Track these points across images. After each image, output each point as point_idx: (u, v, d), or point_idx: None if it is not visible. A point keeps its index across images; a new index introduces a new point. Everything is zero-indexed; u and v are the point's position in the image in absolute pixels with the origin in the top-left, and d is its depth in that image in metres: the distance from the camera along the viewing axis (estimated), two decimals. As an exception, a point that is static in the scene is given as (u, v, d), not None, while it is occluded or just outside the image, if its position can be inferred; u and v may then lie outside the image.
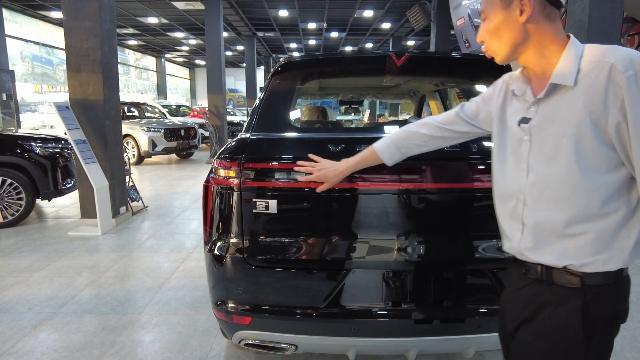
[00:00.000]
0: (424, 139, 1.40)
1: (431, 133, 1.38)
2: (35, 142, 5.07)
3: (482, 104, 1.27)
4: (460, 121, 1.33)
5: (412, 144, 1.43)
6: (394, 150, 1.45)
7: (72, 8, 4.65)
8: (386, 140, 1.47)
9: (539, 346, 1.03)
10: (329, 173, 1.56)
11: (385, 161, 1.48)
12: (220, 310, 1.79)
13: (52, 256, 3.96)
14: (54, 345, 2.50)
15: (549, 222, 1.01)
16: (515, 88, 1.11)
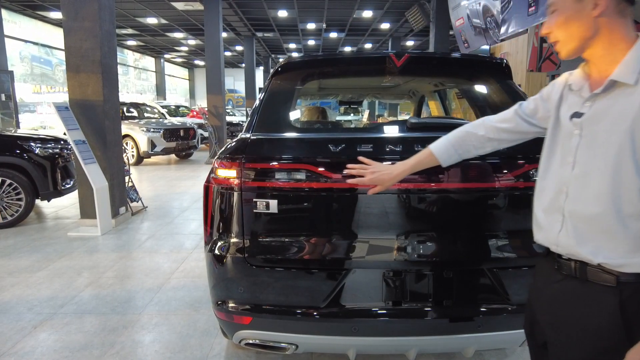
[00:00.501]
0: (480, 140, 1.36)
1: (487, 134, 1.35)
2: (34, 143, 5.07)
3: (540, 102, 1.24)
4: (518, 120, 1.30)
5: (469, 145, 1.39)
6: (452, 151, 1.41)
7: (71, 9, 4.65)
8: (443, 141, 1.42)
9: (581, 347, 1.02)
10: (383, 176, 1.50)
11: (441, 163, 1.43)
12: (221, 310, 1.80)
13: (51, 257, 3.96)
14: (54, 345, 2.50)
15: (589, 217, 1.01)
16: (572, 82, 1.11)
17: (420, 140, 1.74)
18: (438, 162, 1.44)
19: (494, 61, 2.17)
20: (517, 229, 1.78)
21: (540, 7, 6.45)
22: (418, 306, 1.71)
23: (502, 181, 1.71)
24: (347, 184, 1.68)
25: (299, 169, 1.69)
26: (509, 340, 1.84)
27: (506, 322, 1.74)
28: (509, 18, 7.40)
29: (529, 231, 1.77)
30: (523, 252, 1.77)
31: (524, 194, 1.74)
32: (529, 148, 1.78)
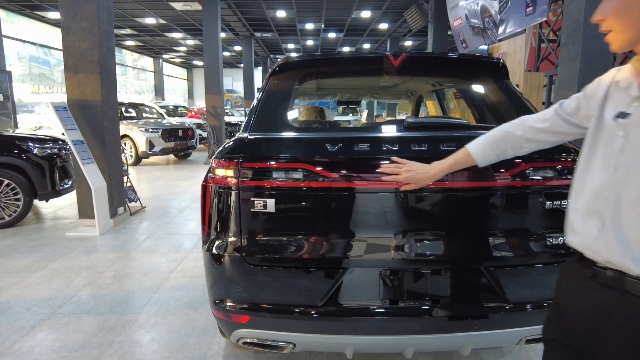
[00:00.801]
0: (518, 141, 1.31)
1: (525, 135, 1.29)
2: (32, 143, 5.07)
3: (583, 100, 1.16)
4: (558, 119, 1.22)
5: (507, 146, 1.34)
6: (489, 151, 1.37)
7: (70, 9, 4.65)
8: (481, 141, 1.39)
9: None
10: (419, 175, 1.49)
11: (478, 163, 1.40)
12: (219, 309, 1.80)
13: (50, 257, 3.96)
14: (52, 345, 2.50)
15: (631, 225, 0.95)
16: (620, 79, 1.04)
17: (417, 140, 1.75)
18: (475, 162, 1.40)
19: (491, 61, 2.18)
20: (514, 227, 1.79)
21: (537, 8, 6.47)
22: (415, 305, 1.72)
23: (499, 180, 1.71)
24: (345, 183, 1.69)
25: (296, 168, 1.70)
26: (506, 338, 1.85)
27: (503, 320, 1.75)
28: (507, 18, 7.42)
29: (526, 230, 1.80)
30: (520, 251, 1.77)
31: (521, 192, 1.75)
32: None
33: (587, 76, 4.74)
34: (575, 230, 1.08)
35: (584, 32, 4.69)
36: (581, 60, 4.72)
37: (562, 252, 1.78)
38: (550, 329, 1.17)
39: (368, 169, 1.70)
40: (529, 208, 1.78)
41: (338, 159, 1.72)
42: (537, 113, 1.30)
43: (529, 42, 9.54)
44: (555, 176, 1.75)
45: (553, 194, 1.77)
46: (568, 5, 4.96)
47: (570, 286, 1.11)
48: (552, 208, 1.78)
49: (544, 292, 1.78)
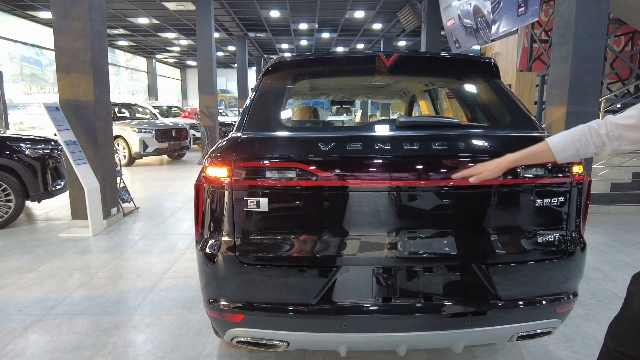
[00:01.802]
0: (602, 139, 1.28)
1: (610, 132, 1.26)
2: (24, 144, 5.03)
3: None
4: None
5: (589, 143, 1.31)
6: (570, 144, 1.35)
7: (61, 8, 4.62)
8: (562, 135, 1.37)
9: None
10: (490, 164, 1.48)
11: (557, 158, 1.38)
12: (213, 308, 1.80)
13: (42, 258, 3.93)
14: (45, 346, 2.49)
15: None
16: None
17: (408, 139, 1.77)
18: (554, 157, 1.37)
19: (482, 61, 2.20)
20: (506, 225, 1.81)
21: (529, 8, 6.52)
22: (408, 302, 1.73)
23: (492, 178, 1.73)
24: (338, 182, 1.70)
25: (289, 167, 1.70)
26: (498, 335, 1.87)
27: (495, 317, 1.76)
28: (499, 18, 7.47)
29: (518, 228, 1.82)
30: (511, 249, 1.79)
31: (513, 191, 1.77)
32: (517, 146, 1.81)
33: (578, 76, 4.79)
34: None
35: (575, 32, 4.74)
36: (572, 60, 4.77)
37: (553, 250, 1.81)
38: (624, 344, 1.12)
39: (360, 167, 1.71)
40: (521, 206, 1.80)
41: (330, 158, 1.72)
42: (623, 112, 1.27)
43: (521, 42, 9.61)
44: (546, 174, 1.77)
45: (544, 192, 1.79)
46: (559, 5, 5.01)
47: None
48: (543, 206, 1.80)
49: (535, 289, 1.80)
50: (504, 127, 1.97)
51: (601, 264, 3.79)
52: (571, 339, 2.56)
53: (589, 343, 2.52)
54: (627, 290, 1.19)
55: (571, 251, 1.82)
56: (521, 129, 1.92)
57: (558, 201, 1.80)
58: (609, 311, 2.93)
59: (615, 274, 3.54)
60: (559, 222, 1.83)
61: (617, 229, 4.97)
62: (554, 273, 1.81)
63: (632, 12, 7.77)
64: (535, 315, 1.81)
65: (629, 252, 4.09)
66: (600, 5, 4.72)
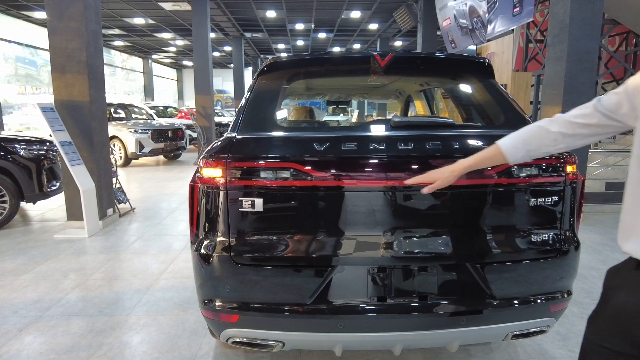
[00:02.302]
0: (553, 137, 1.27)
1: (562, 130, 1.25)
2: (19, 144, 5.00)
3: (624, 96, 1.12)
4: (598, 115, 1.18)
5: (541, 144, 1.31)
6: (520, 146, 1.34)
7: (56, 8, 4.60)
8: (512, 137, 1.37)
9: None
10: (443, 172, 1.47)
11: (509, 160, 1.38)
12: (208, 308, 1.80)
13: (37, 259, 3.92)
14: (40, 348, 2.48)
15: None
16: None
17: (403, 139, 1.77)
18: (505, 159, 1.37)
19: (477, 60, 2.20)
20: (501, 224, 1.81)
21: (524, 8, 6.55)
22: (403, 302, 1.73)
23: (486, 178, 1.74)
24: (333, 182, 1.70)
25: (284, 167, 1.70)
26: (493, 334, 1.87)
27: (490, 316, 1.77)
28: (495, 18, 7.50)
29: (512, 227, 1.82)
30: (506, 248, 1.80)
31: (507, 190, 1.78)
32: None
33: (573, 75, 4.81)
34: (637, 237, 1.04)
35: (570, 32, 4.76)
36: (567, 60, 4.79)
37: (547, 249, 1.82)
38: (607, 339, 1.13)
39: (355, 167, 1.72)
40: (515, 205, 1.81)
41: (325, 158, 1.73)
42: (573, 110, 1.27)
43: (516, 42, 9.65)
44: (540, 174, 1.78)
45: (538, 191, 1.80)
46: (554, 6, 5.04)
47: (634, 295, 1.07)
48: (537, 205, 1.81)
49: (529, 288, 1.81)
50: (498, 126, 1.98)
51: (596, 262, 3.81)
52: (566, 338, 2.58)
53: (584, 341, 2.54)
54: (604, 285, 1.20)
55: (565, 250, 1.83)
56: (515, 128, 1.90)
57: (552, 200, 1.81)
58: (603, 310, 2.94)
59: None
60: (553, 221, 1.84)
61: (612, 227, 5.00)
62: (548, 272, 1.82)
63: (626, 12, 7.81)
64: (530, 314, 1.82)
65: (623, 250, 4.09)
66: (595, 6, 4.75)
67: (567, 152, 1.83)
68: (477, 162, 1.45)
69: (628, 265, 1.10)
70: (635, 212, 1.07)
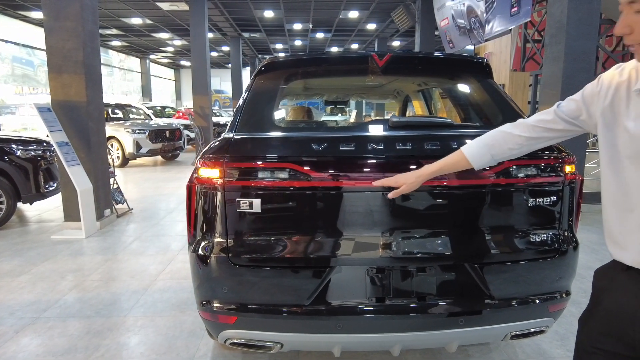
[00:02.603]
0: (518, 141, 1.30)
1: (524, 134, 1.28)
2: (16, 145, 4.98)
3: (582, 104, 1.15)
4: (558, 120, 1.21)
5: (505, 148, 1.33)
6: (485, 151, 1.36)
7: (53, 8, 4.58)
8: (477, 143, 1.39)
9: None
10: (408, 177, 1.49)
11: (474, 165, 1.40)
12: (206, 310, 1.79)
13: (34, 260, 3.90)
14: (37, 350, 2.46)
15: None
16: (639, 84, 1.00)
17: (401, 139, 1.77)
18: (470, 164, 1.39)
19: (475, 60, 2.20)
20: (499, 225, 1.81)
21: (522, 8, 6.56)
22: (402, 303, 1.73)
23: (483, 178, 1.73)
24: (331, 183, 1.69)
25: (282, 167, 1.69)
26: (492, 335, 1.87)
27: (489, 317, 1.77)
28: (493, 18, 7.51)
29: (511, 227, 1.82)
30: (505, 248, 1.80)
31: (506, 190, 1.78)
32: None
33: (570, 75, 4.82)
34: (626, 246, 1.06)
35: (567, 33, 4.77)
36: (564, 60, 4.80)
37: (546, 249, 1.81)
38: (599, 340, 1.13)
39: (353, 168, 1.71)
40: (514, 205, 1.81)
41: (323, 159, 1.72)
42: (534, 115, 1.30)
43: (514, 42, 9.66)
44: (539, 173, 1.78)
45: (537, 192, 1.79)
46: (551, 6, 5.04)
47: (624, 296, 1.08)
48: (536, 205, 1.80)
49: (528, 288, 1.80)
50: (497, 126, 1.97)
51: (593, 262, 3.82)
52: (564, 337, 2.57)
53: (582, 341, 2.54)
54: (593, 286, 1.20)
55: (564, 250, 1.83)
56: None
57: (550, 200, 1.81)
58: (601, 309, 2.95)
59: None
60: (552, 221, 1.84)
61: (610, 227, 5.00)
62: (547, 272, 1.82)
63: (623, 12, 7.82)
64: (529, 315, 1.81)
65: (621, 250, 4.10)
66: (592, 6, 4.76)
67: (566, 152, 1.83)
68: (442, 168, 1.47)
69: (616, 267, 1.10)
70: (619, 218, 1.07)
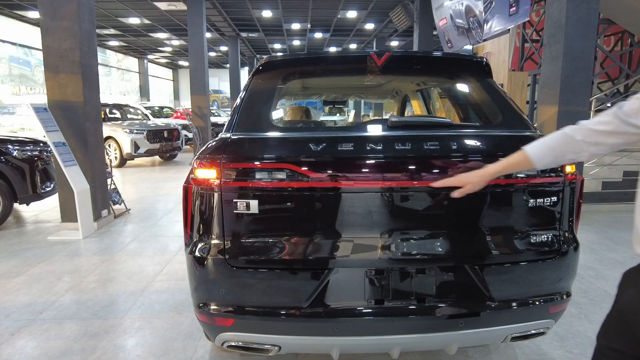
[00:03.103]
0: (578, 145, 1.27)
1: (585, 139, 1.25)
2: (12, 145, 4.94)
3: None
4: (618, 122, 1.18)
5: (566, 150, 1.31)
6: (547, 153, 1.35)
7: (49, 7, 4.55)
8: (540, 143, 1.38)
9: None
10: (471, 177, 1.50)
11: (537, 166, 1.40)
12: (203, 312, 1.77)
13: (30, 261, 3.87)
14: (32, 352, 2.44)
15: None
16: None
17: (400, 139, 1.75)
18: (533, 165, 1.39)
19: (475, 60, 2.18)
20: (499, 226, 1.79)
21: (520, 8, 6.55)
22: (401, 305, 1.71)
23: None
24: (329, 183, 1.67)
25: (279, 168, 1.67)
26: (492, 336, 1.85)
27: (489, 319, 1.75)
28: (491, 18, 7.49)
29: (511, 228, 1.80)
30: (505, 249, 1.78)
31: (506, 191, 1.76)
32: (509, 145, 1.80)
33: (569, 75, 4.81)
34: None
35: (566, 32, 4.75)
36: (563, 60, 4.79)
37: (546, 250, 1.80)
38: (613, 340, 1.14)
39: (352, 168, 1.69)
40: (514, 206, 1.79)
41: (322, 159, 1.70)
42: (595, 117, 1.28)
43: (512, 42, 9.65)
44: (539, 174, 1.76)
45: (537, 192, 1.78)
46: (550, 5, 5.03)
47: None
48: (536, 206, 1.79)
49: (528, 289, 1.79)
50: (497, 126, 1.96)
51: (592, 262, 3.81)
52: (564, 338, 2.56)
53: (582, 342, 2.53)
54: (617, 287, 1.21)
55: (564, 251, 1.81)
56: (514, 128, 1.91)
57: (551, 201, 1.79)
58: (601, 309, 2.94)
59: (606, 272, 3.55)
60: (552, 222, 1.82)
61: (608, 227, 5.00)
62: (548, 273, 1.81)
63: (621, 12, 7.83)
64: (529, 316, 1.80)
65: (619, 250, 4.11)
66: (591, 5, 4.75)
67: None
68: (505, 168, 1.48)
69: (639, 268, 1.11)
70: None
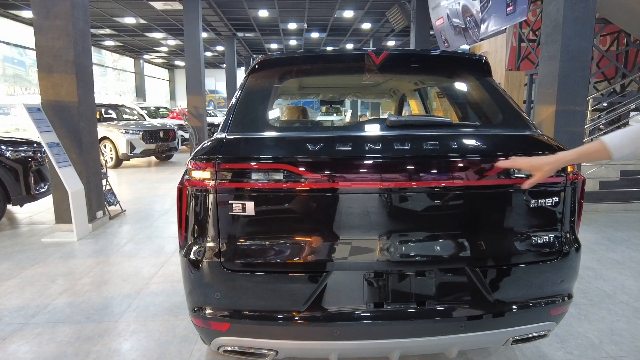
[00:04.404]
0: None
1: None
2: (5, 146, 4.88)
3: None
4: None
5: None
6: (627, 144, 1.33)
7: (42, 6, 4.49)
8: (621, 135, 1.36)
9: None
10: (541, 161, 1.44)
11: (612, 155, 1.36)
12: (198, 316, 1.73)
13: (24, 264, 3.81)
14: (25, 357, 2.39)
15: None
16: None
17: (399, 138, 1.72)
18: (610, 156, 1.36)
19: (474, 58, 2.16)
20: (499, 227, 1.76)
21: (517, 7, 6.53)
22: (400, 308, 1.68)
23: (483, 179, 1.69)
24: (327, 184, 1.64)
25: (276, 169, 1.64)
26: (493, 339, 1.82)
27: (490, 322, 1.72)
28: (488, 17, 7.48)
29: (511, 229, 1.77)
30: (506, 251, 1.75)
31: (506, 191, 1.73)
32: (510, 145, 1.77)
33: (566, 74, 4.80)
34: None
35: (563, 32, 4.74)
36: (560, 59, 4.78)
37: (547, 251, 1.77)
38: None
39: (350, 168, 1.66)
40: (514, 207, 1.76)
41: (319, 159, 1.66)
42: None
43: (509, 42, 9.65)
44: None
45: (538, 192, 1.75)
46: (547, 5, 5.02)
47: None
48: (537, 207, 1.76)
49: (530, 291, 1.76)
50: (496, 125, 1.93)
51: (591, 262, 3.79)
52: (564, 340, 2.54)
53: (582, 343, 2.50)
54: None
55: (566, 252, 1.79)
56: (514, 127, 1.89)
57: (552, 201, 1.76)
58: (600, 310, 2.92)
59: (605, 272, 3.54)
60: (553, 223, 1.79)
61: (606, 226, 4.99)
62: (549, 275, 1.78)
63: (617, 11, 7.84)
64: (530, 319, 1.77)
65: (618, 250, 4.09)
66: (588, 5, 4.74)
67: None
68: (580, 156, 1.43)
69: None
70: None
